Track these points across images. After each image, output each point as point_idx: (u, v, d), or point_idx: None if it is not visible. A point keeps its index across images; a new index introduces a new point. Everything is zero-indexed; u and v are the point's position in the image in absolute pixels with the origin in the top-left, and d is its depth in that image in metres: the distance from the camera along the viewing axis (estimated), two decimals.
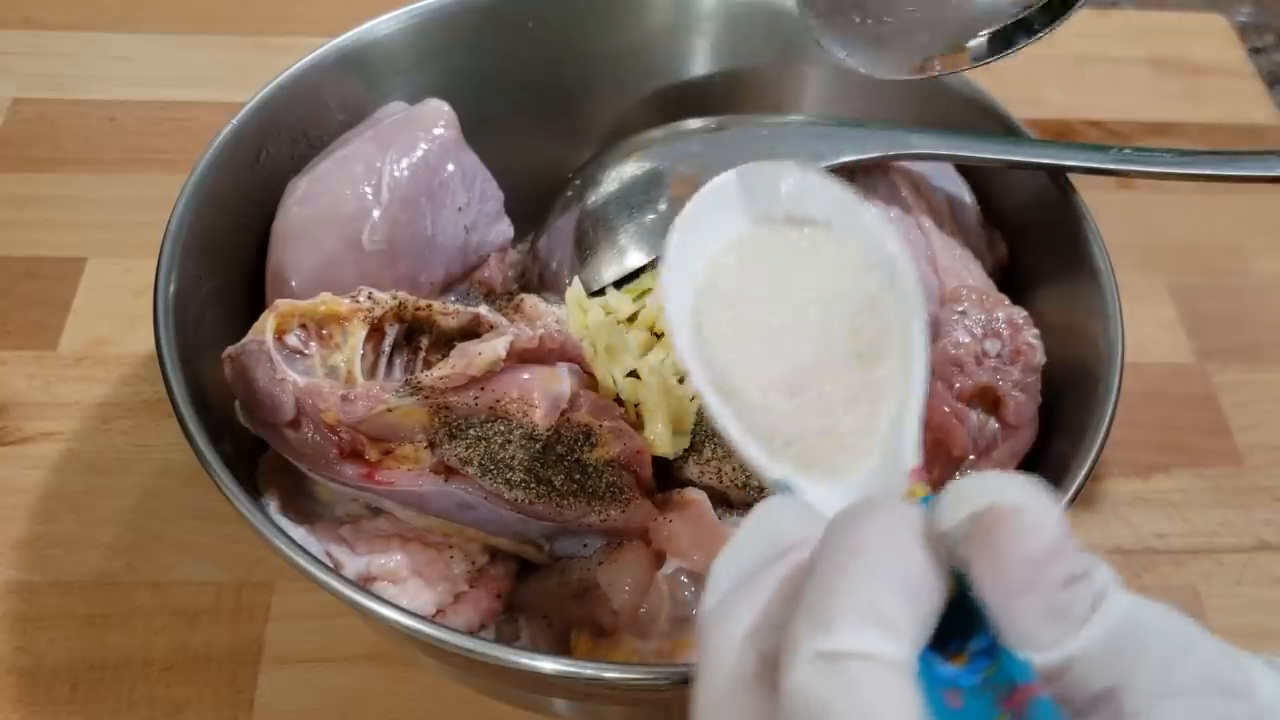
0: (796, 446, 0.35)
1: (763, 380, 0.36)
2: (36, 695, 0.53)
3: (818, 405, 0.36)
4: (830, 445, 0.35)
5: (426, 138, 0.53)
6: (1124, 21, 0.92)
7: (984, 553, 0.24)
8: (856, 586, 0.24)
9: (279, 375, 0.45)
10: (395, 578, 0.46)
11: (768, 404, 0.36)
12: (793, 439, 0.35)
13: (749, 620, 0.26)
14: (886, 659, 0.23)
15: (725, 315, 0.37)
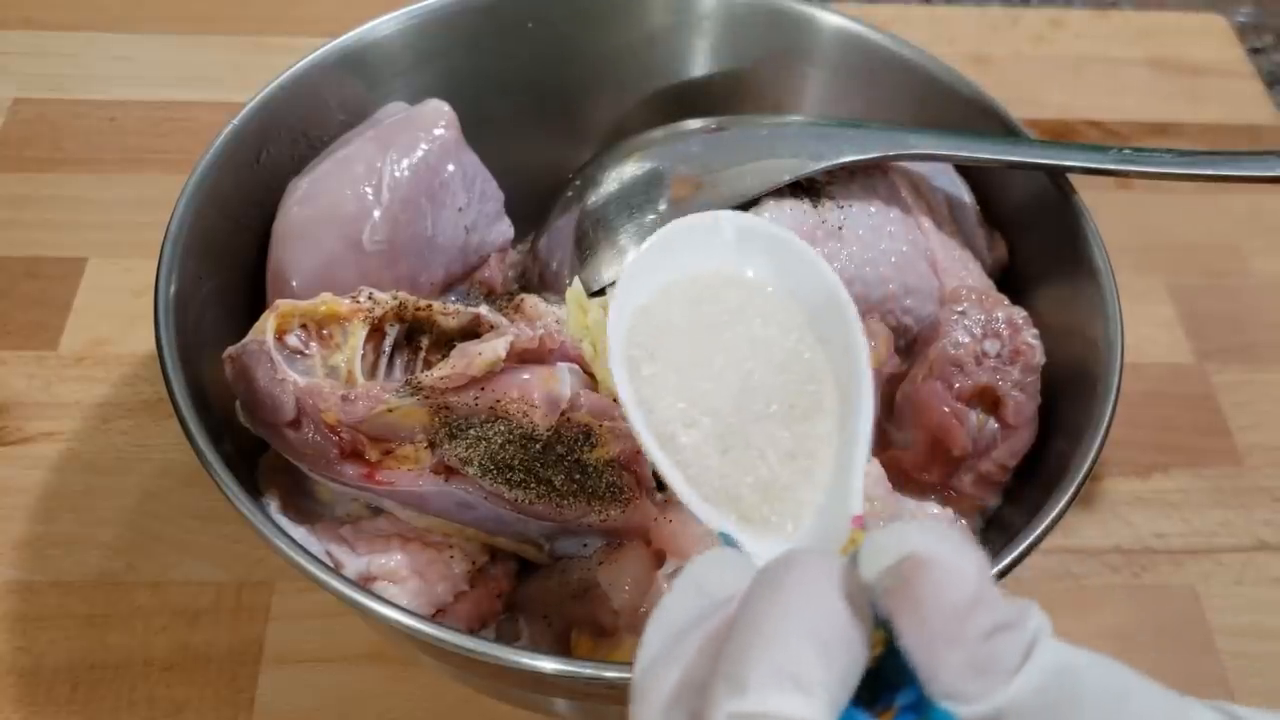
0: (735, 501, 0.35)
1: (696, 434, 0.36)
2: (37, 695, 0.53)
3: (750, 461, 0.36)
4: (768, 500, 0.36)
5: (427, 138, 0.53)
6: (1123, 22, 0.92)
7: (905, 604, 0.24)
8: (771, 643, 0.23)
9: (279, 375, 0.45)
10: (395, 577, 0.46)
11: (702, 457, 0.36)
12: (730, 493, 0.36)
13: (675, 681, 0.25)
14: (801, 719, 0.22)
15: (662, 364, 0.38)
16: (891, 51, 0.59)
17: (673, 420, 0.37)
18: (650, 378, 0.37)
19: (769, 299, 0.40)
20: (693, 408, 0.37)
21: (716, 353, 0.38)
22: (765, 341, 0.39)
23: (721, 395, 0.37)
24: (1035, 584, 0.60)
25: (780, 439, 0.37)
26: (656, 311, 0.39)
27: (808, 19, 0.61)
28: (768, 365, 0.38)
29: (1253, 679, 0.57)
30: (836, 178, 0.55)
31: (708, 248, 0.41)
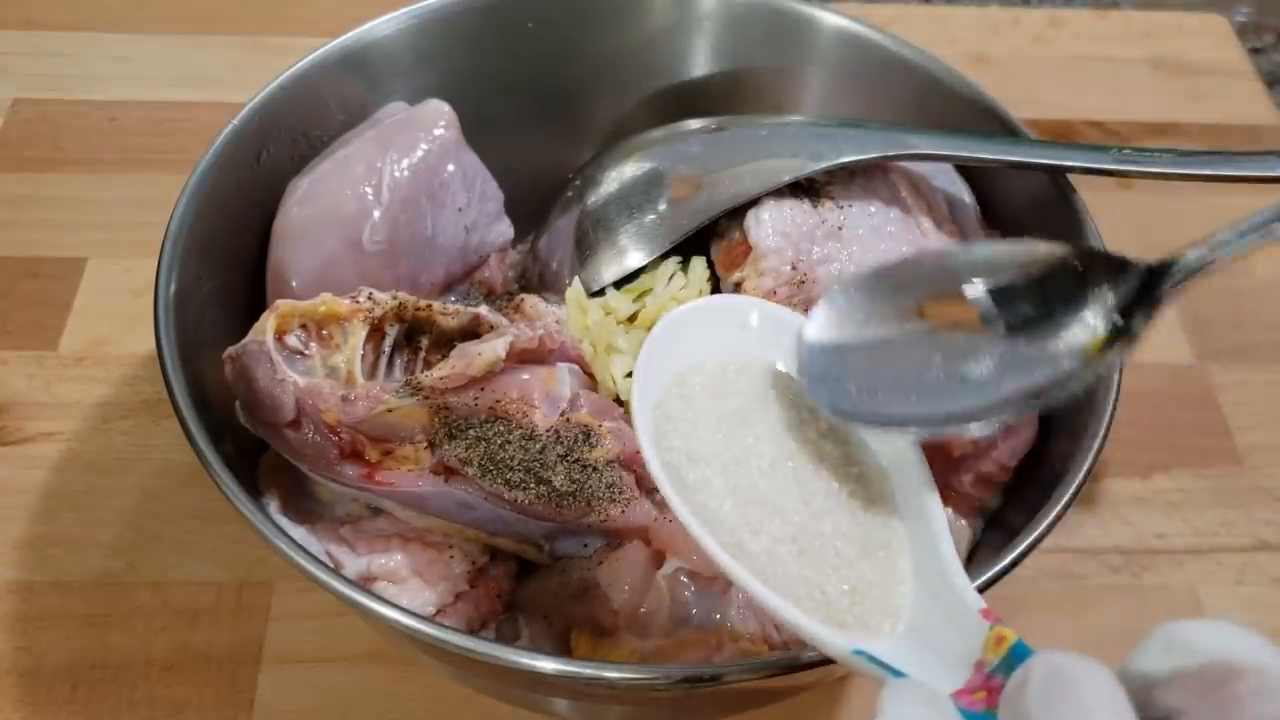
0: (825, 606, 0.34)
1: (765, 539, 0.35)
2: (37, 695, 0.53)
3: (829, 560, 0.35)
4: (857, 600, 0.34)
5: (427, 138, 0.53)
6: (1124, 22, 0.92)
7: (1208, 709, 0.24)
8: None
9: (279, 376, 0.45)
10: (395, 577, 0.46)
11: (778, 563, 0.34)
12: (816, 598, 0.34)
13: None
14: None
15: (704, 465, 0.36)
16: (892, 51, 0.59)
17: (737, 527, 0.35)
18: (698, 484, 0.36)
19: (788, 381, 0.39)
20: (754, 509, 0.35)
21: (755, 444, 0.37)
22: (799, 426, 0.37)
23: (779, 492, 0.36)
24: (1035, 584, 0.60)
25: (851, 533, 0.36)
26: (674, 406, 0.38)
27: (808, 19, 0.61)
28: (807, 454, 0.37)
29: None
30: (836, 178, 0.55)
31: (721, 331, 0.39)
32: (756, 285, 0.54)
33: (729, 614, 0.46)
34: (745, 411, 0.38)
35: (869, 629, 0.34)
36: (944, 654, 0.33)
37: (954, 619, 0.33)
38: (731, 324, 0.40)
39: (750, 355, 0.40)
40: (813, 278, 0.54)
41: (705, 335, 0.39)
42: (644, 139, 0.59)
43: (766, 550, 0.35)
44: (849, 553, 0.35)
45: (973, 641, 0.32)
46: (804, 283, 0.54)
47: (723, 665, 0.41)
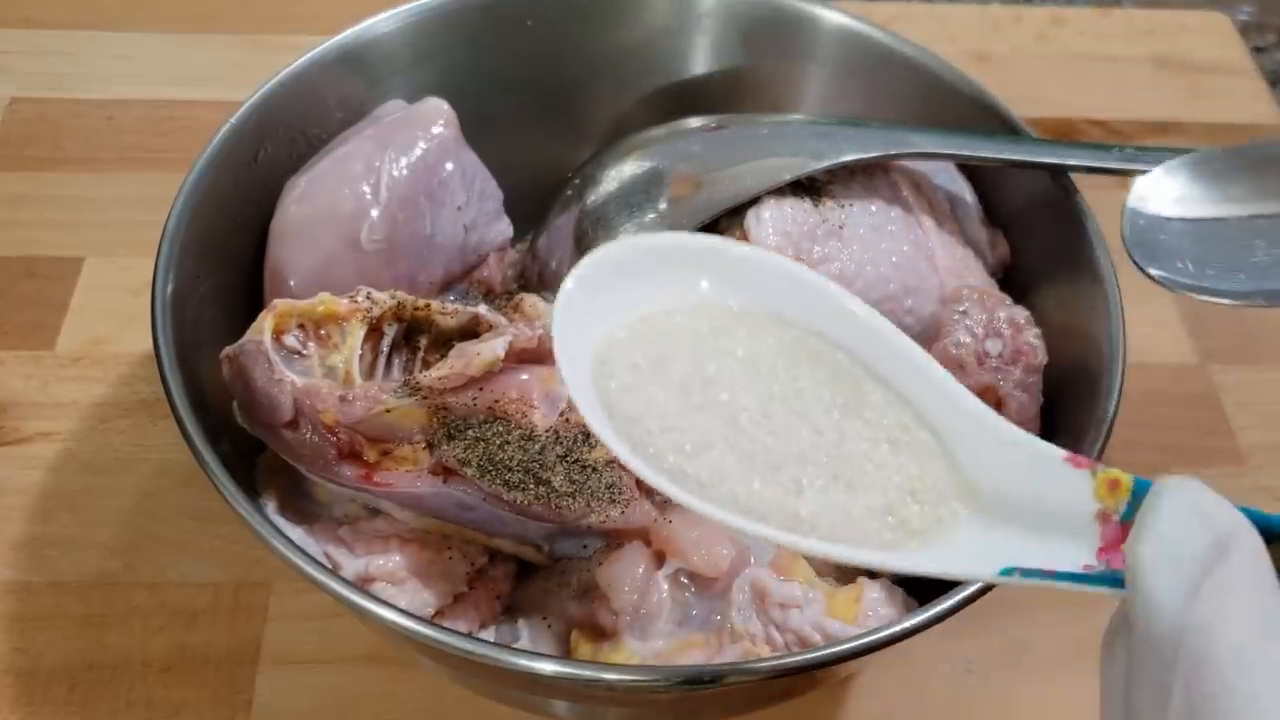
0: (902, 525, 0.31)
1: (814, 494, 0.32)
2: (34, 696, 0.53)
3: (874, 476, 0.32)
4: (920, 500, 0.32)
5: (426, 136, 0.53)
6: (1126, 20, 0.92)
7: None
8: None
9: (277, 376, 0.44)
10: (394, 578, 0.46)
11: (839, 510, 0.32)
12: (890, 525, 0.31)
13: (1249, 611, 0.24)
14: None
15: (712, 452, 0.32)
16: (893, 50, 0.59)
17: (782, 499, 0.32)
18: (715, 477, 0.32)
19: (730, 317, 0.34)
20: (784, 469, 0.32)
21: (736, 400, 0.33)
22: (765, 360, 0.34)
23: (790, 436, 0.32)
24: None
25: (874, 435, 0.32)
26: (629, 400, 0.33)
27: (808, 17, 0.60)
28: (784, 383, 0.33)
29: None
30: (837, 176, 0.55)
31: (661, 278, 0.35)
32: None
33: (730, 615, 0.45)
34: (701, 368, 0.33)
35: (952, 523, 0.31)
36: (1056, 523, 0.30)
37: (1037, 480, 0.30)
38: (668, 267, 0.35)
39: (671, 295, 0.35)
40: None
41: (641, 283, 0.34)
42: (644, 137, 0.59)
43: (820, 506, 0.31)
44: (886, 458, 0.32)
45: (1078, 496, 0.30)
46: None
47: (723, 667, 0.41)
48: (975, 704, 0.55)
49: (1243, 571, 0.25)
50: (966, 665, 0.56)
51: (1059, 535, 0.30)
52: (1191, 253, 0.48)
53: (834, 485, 0.32)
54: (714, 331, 0.34)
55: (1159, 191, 0.50)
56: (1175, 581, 0.25)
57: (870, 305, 0.54)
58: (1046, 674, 0.56)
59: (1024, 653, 0.57)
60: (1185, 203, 0.49)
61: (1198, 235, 0.49)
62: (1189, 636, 0.24)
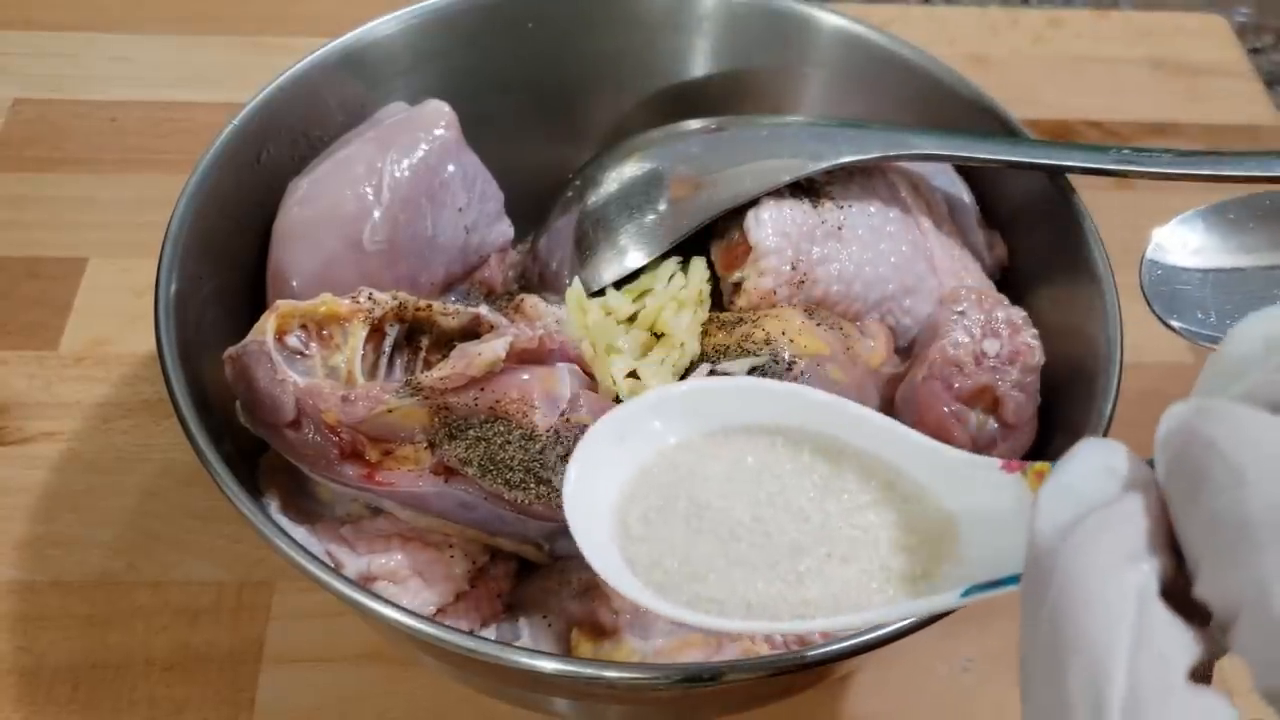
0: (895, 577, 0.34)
1: (816, 580, 0.34)
2: (37, 695, 0.53)
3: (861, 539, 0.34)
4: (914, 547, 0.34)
5: (427, 138, 0.53)
6: (1123, 22, 0.92)
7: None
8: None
9: (279, 376, 0.45)
10: (396, 577, 0.46)
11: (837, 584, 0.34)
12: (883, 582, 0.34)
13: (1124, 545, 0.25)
14: None
15: (725, 563, 0.35)
16: (891, 51, 0.59)
17: (785, 594, 0.34)
18: (723, 596, 0.34)
19: (724, 437, 0.38)
20: (780, 564, 0.34)
21: (730, 512, 0.36)
22: (746, 472, 0.37)
23: (779, 532, 0.35)
24: None
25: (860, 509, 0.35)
26: (641, 550, 0.36)
27: (807, 19, 0.61)
28: (769, 484, 0.36)
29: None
30: (836, 178, 0.55)
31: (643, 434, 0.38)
32: (756, 285, 0.54)
33: None
34: (695, 497, 0.37)
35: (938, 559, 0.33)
36: (1006, 526, 0.32)
37: (988, 492, 0.32)
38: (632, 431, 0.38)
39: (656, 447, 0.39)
40: (813, 277, 0.54)
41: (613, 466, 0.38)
42: (644, 139, 0.59)
43: (821, 586, 0.34)
44: (869, 520, 0.35)
45: (1018, 498, 0.31)
46: (804, 282, 0.54)
47: (722, 665, 0.41)
48: (973, 703, 0.56)
49: (1129, 510, 0.26)
50: (965, 664, 0.56)
51: (1015, 540, 0.31)
52: (1213, 303, 0.48)
53: (829, 563, 0.34)
54: (699, 460, 0.37)
55: (1176, 242, 0.50)
56: (1061, 515, 0.26)
57: (869, 305, 0.55)
58: None
59: None
60: (1203, 253, 0.49)
61: (1217, 285, 0.49)
62: (1061, 556, 0.25)
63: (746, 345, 0.51)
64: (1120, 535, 0.25)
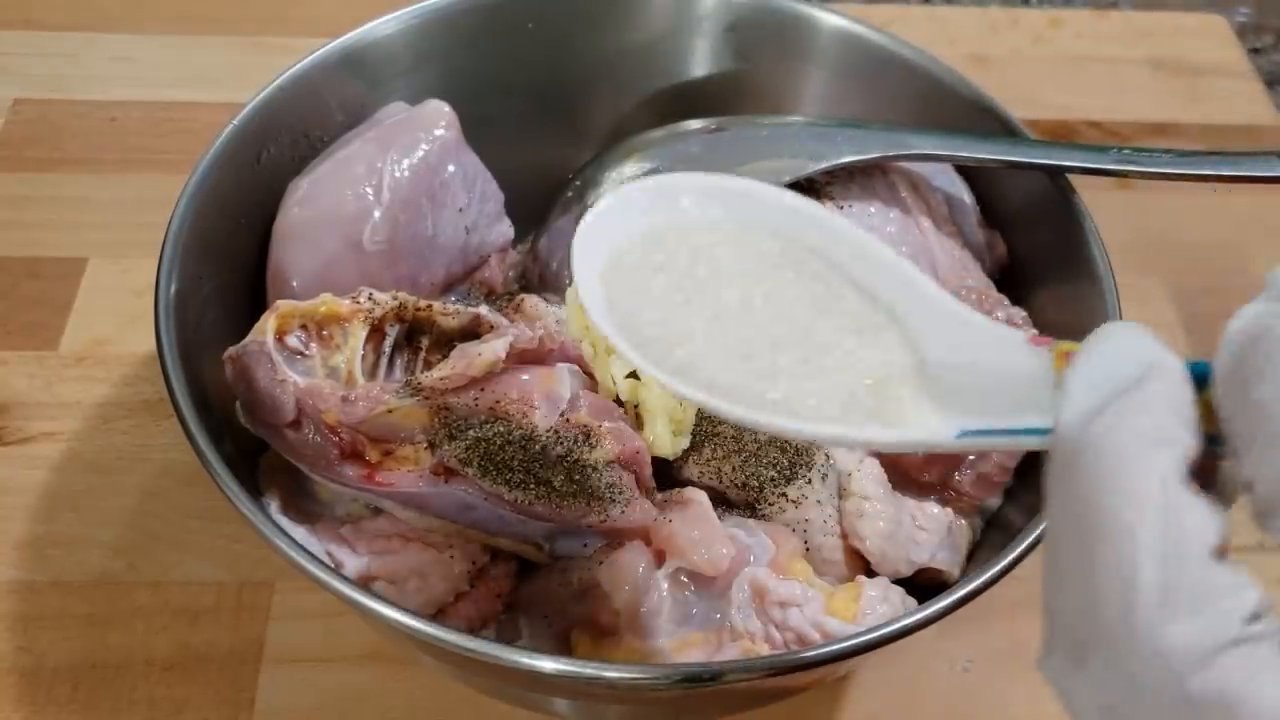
0: (863, 407, 0.33)
1: (785, 379, 0.34)
2: (37, 695, 0.53)
3: (844, 360, 0.35)
4: (885, 388, 0.34)
5: (427, 138, 0.53)
6: (1123, 22, 0.92)
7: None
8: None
9: (279, 376, 0.45)
10: (396, 577, 0.46)
11: (802, 391, 0.34)
12: (854, 403, 0.34)
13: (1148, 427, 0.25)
14: None
15: (691, 344, 0.35)
16: (891, 52, 0.59)
17: (753, 383, 0.34)
18: (688, 364, 0.35)
19: (741, 234, 0.38)
20: (757, 357, 0.35)
21: (718, 293, 0.36)
22: (753, 261, 0.37)
23: (768, 325, 0.35)
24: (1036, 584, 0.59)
25: (846, 326, 0.35)
26: (624, 295, 0.37)
27: (807, 19, 0.61)
28: (769, 279, 0.36)
29: None
30: (836, 178, 0.55)
31: (666, 206, 0.39)
32: None
33: (729, 614, 0.46)
34: (693, 271, 0.37)
35: (918, 412, 0.33)
36: (1018, 399, 0.31)
37: (999, 361, 0.32)
38: (666, 203, 0.39)
39: (676, 215, 0.39)
40: None
41: (640, 216, 0.38)
42: (644, 139, 0.59)
43: (789, 391, 0.34)
44: (853, 347, 0.35)
45: (1038, 372, 0.31)
46: None
47: (723, 665, 0.41)
48: (973, 703, 0.56)
49: (1155, 394, 0.26)
50: (965, 664, 0.56)
51: (1021, 409, 0.31)
52: None
53: (804, 369, 0.34)
54: (708, 244, 0.38)
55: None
56: (1089, 401, 0.26)
57: None
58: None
59: (1022, 652, 0.57)
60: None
61: None
62: (1088, 442, 0.25)
63: None
64: (1148, 418, 0.25)
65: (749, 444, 0.49)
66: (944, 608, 0.40)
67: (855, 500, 0.48)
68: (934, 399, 0.33)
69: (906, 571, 0.49)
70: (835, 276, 0.37)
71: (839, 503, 0.49)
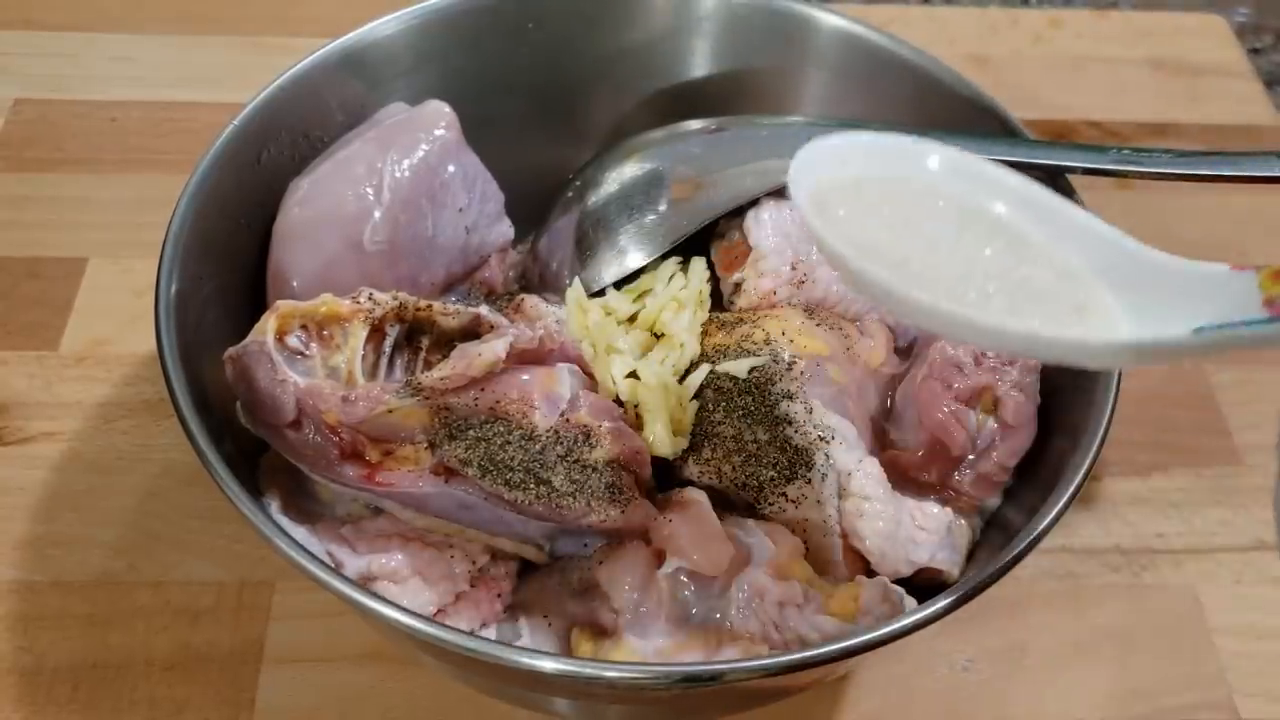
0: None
1: (1002, 296, 0.36)
2: (38, 695, 0.53)
3: (1037, 294, 0.36)
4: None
5: (427, 139, 0.53)
6: (1123, 22, 0.92)
7: None
8: None
9: (280, 376, 0.45)
10: (396, 577, 0.46)
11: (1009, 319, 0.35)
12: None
13: None
14: None
15: (908, 267, 0.37)
16: (891, 52, 0.59)
17: (965, 293, 0.36)
18: (916, 275, 0.37)
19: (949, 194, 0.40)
20: (966, 279, 0.37)
21: (936, 231, 0.38)
22: (968, 215, 0.39)
23: (971, 258, 0.37)
24: (1035, 584, 0.60)
25: (1045, 270, 0.37)
26: (843, 212, 0.39)
27: (807, 19, 0.61)
28: (980, 228, 0.38)
29: (1252, 678, 0.57)
30: None
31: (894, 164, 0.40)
32: (756, 285, 0.54)
33: (729, 614, 0.46)
34: (907, 213, 0.39)
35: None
36: (1221, 313, 0.33)
37: (1199, 291, 0.34)
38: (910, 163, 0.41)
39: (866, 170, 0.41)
40: (813, 278, 0.54)
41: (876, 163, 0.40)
42: (644, 139, 0.59)
43: (1008, 310, 0.36)
44: (1052, 284, 0.37)
45: (1243, 292, 0.32)
46: (804, 283, 0.54)
47: (722, 665, 0.41)
48: (973, 702, 0.56)
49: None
50: (965, 664, 0.56)
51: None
52: None
53: (1017, 294, 0.36)
54: (914, 194, 0.40)
55: None
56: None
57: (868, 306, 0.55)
58: (1044, 673, 0.57)
59: (1022, 652, 0.57)
60: None
61: None
62: None
63: (746, 345, 0.51)
64: None
65: (749, 444, 0.49)
66: (944, 608, 0.40)
67: (855, 500, 0.48)
68: (1140, 323, 0.35)
69: (906, 571, 0.49)
70: (1019, 229, 0.39)
71: (839, 503, 0.49)
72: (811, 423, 0.49)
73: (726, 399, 0.50)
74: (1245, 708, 0.56)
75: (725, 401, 0.50)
